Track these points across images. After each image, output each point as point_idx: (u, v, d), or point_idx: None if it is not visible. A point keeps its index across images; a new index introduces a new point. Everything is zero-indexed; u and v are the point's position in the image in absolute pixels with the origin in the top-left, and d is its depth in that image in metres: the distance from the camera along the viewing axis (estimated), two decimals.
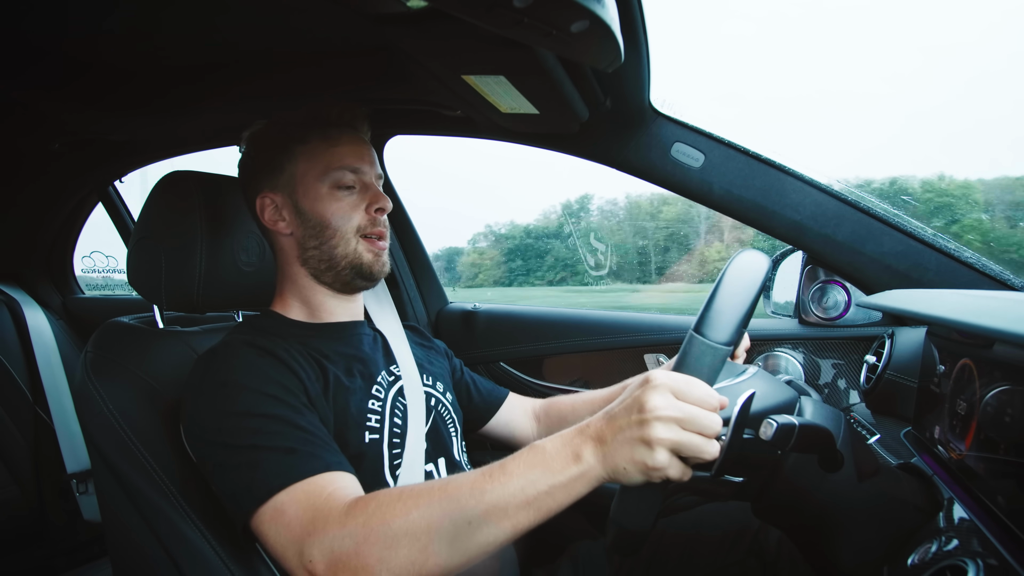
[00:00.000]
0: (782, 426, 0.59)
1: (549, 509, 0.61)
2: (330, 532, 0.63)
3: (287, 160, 0.90)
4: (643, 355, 1.48)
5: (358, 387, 0.87)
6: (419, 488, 0.65)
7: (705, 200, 1.26)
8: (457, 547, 0.61)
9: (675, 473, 0.58)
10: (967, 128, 3.46)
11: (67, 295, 2.22)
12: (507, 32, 0.61)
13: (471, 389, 1.12)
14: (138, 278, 0.94)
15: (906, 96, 4.02)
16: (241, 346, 0.81)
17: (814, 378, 1.35)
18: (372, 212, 0.91)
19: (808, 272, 1.33)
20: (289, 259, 0.93)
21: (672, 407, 0.58)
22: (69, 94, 1.18)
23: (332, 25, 0.99)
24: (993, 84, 3.18)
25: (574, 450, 0.61)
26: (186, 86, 1.18)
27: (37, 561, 1.86)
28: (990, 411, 0.66)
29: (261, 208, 0.91)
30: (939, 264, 1.14)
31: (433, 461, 0.91)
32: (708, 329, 0.62)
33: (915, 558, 0.61)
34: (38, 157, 1.68)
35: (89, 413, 0.82)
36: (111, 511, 0.83)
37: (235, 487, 0.71)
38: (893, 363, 1.04)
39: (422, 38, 0.80)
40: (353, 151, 0.91)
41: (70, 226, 2.13)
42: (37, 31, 0.98)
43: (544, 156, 1.35)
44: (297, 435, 0.73)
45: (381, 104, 1.33)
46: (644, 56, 0.97)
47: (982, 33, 3.28)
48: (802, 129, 4.03)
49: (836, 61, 5.26)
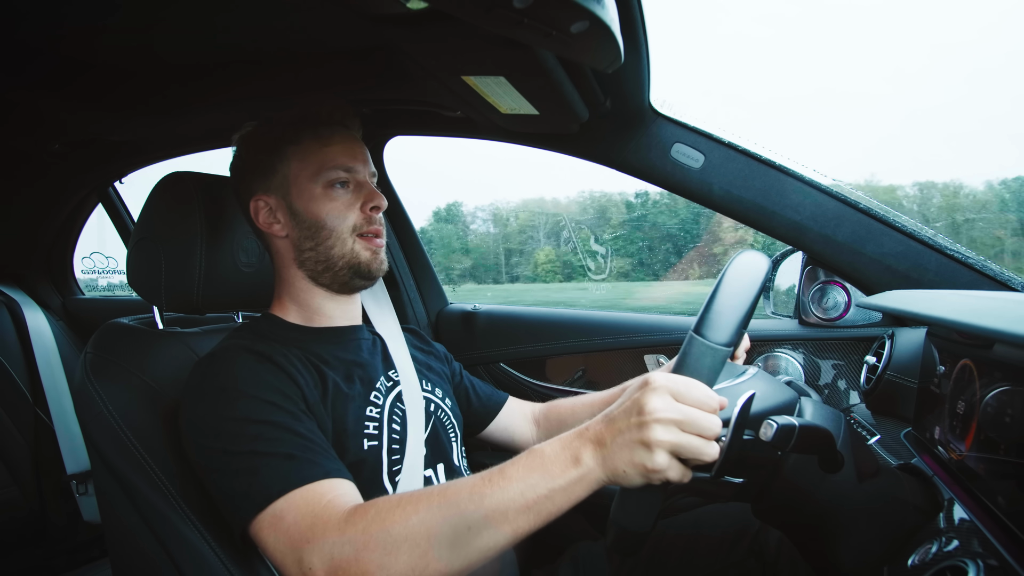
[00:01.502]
0: (782, 427, 0.59)
1: (549, 513, 0.61)
2: (329, 539, 0.63)
3: (279, 161, 0.89)
4: (643, 356, 1.48)
5: (357, 393, 0.86)
6: (418, 494, 0.65)
7: (705, 201, 1.26)
8: (457, 552, 0.61)
9: (675, 475, 0.58)
10: (960, 129, 3.47)
11: (67, 296, 2.22)
12: (507, 33, 0.61)
13: (470, 393, 1.12)
14: (138, 279, 0.94)
15: (904, 96, 4.04)
16: (240, 351, 0.81)
17: (814, 379, 1.35)
18: (367, 210, 0.90)
19: (808, 272, 1.33)
20: (285, 262, 0.92)
21: (671, 409, 0.58)
22: (69, 94, 1.18)
23: (332, 25, 0.99)
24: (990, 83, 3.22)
25: (573, 453, 0.61)
26: (186, 86, 1.18)
27: (37, 561, 1.86)
28: (990, 411, 0.66)
29: (255, 211, 0.91)
30: (939, 265, 1.14)
31: (432, 467, 0.91)
32: (708, 330, 0.62)
33: (915, 559, 0.61)
34: (38, 158, 1.68)
35: (89, 414, 0.82)
36: (111, 512, 0.82)
37: (233, 493, 0.71)
38: (893, 364, 1.04)
39: (422, 39, 0.80)
40: (346, 150, 0.90)
41: (70, 227, 2.13)
42: (37, 31, 0.98)
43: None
44: (296, 442, 0.73)
45: (381, 105, 1.33)
46: (644, 56, 0.97)
47: (981, 32, 3.29)
48: (798, 128, 4.04)
49: (835, 61, 5.27)
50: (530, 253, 3.26)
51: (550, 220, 3.27)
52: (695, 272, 2.72)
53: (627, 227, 2.95)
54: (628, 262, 2.90)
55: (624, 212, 3.01)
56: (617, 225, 2.97)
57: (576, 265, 3.01)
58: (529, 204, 3.34)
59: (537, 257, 3.20)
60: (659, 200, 2.90)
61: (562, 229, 3.21)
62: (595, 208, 3.09)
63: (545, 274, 3.15)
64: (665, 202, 2.88)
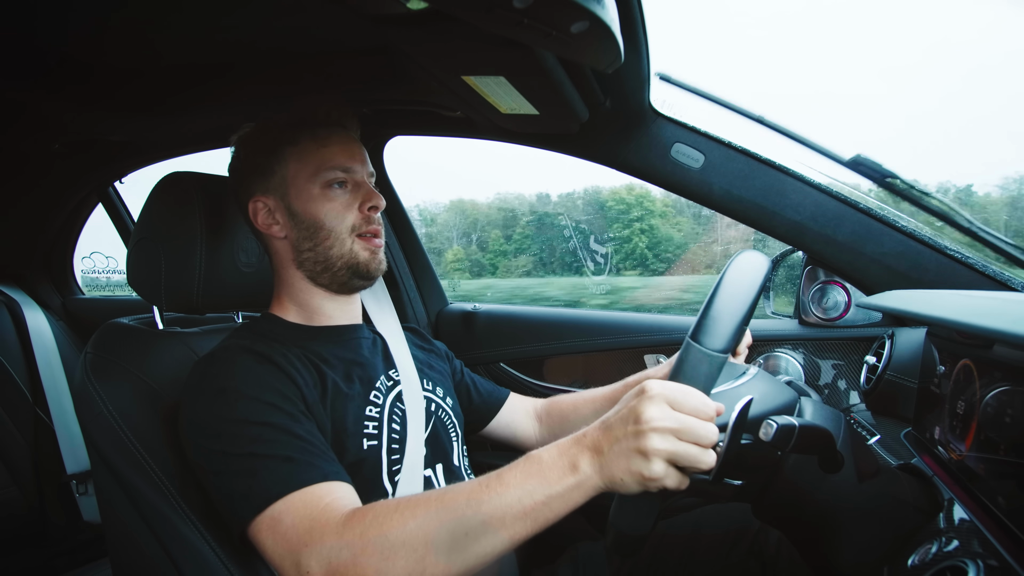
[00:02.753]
0: (782, 427, 0.59)
1: (546, 519, 0.61)
2: (327, 543, 0.63)
3: (277, 162, 0.89)
4: (643, 355, 1.48)
5: (356, 393, 0.86)
6: (416, 499, 0.65)
7: (705, 201, 1.26)
8: (455, 558, 0.61)
9: (672, 483, 0.58)
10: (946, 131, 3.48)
11: (67, 296, 2.22)
12: (507, 33, 0.61)
13: (471, 391, 1.12)
14: (138, 279, 0.94)
15: (902, 96, 4.04)
16: (239, 352, 0.81)
17: (814, 379, 1.35)
18: (365, 210, 0.90)
19: (808, 272, 1.33)
20: (284, 262, 0.92)
21: (668, 418, 0.58)
22: (70, 95, 1.18)
23: (332, 26, 0.99)
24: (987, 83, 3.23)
25: (571, 460, 0.61)
26: (187, 87, 1.18)
27: (37, 561, 1.86)
28: (990, 411, 0.66)
29: (254, 212, 0.91)
30: (939, 264, 1.14)
31: (432, 467, 0.91)
32: (705, 337, 0.62)
33: (915, 559, 0.61)
34: (39, 158, 1.68)
35: (89, 414, 0.82)
36: (111, 512, 0.83)
37: (232, 494, 0.71)
38: (893, 364, 1.04)
39: (422, 39, 0.80)
40: (343, 150, 0.90)
41: (70, 227, 2.13)
42: (38, 32, 0.98)
43: None
44: (295, 444, 0.73)
45: (381, 105, 1.33)
46: (644, 56, 0.97)
47: (980, 31, 3.30)
48: (797, 128, 4.06)
49: (835, 60, 5.27)
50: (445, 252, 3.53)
51: (467, 221, 3.52)
52: (587, 271, 2.99)
53: (531, 227, 3.35)
54: (530, 260, 3.28)
55: (527, 214, 3.41)
56: (524, 225, 3.38)
57: (486, 264, 3.36)
58: (455, 205, 3.57)
59: (446, 256, 3.41)
60: (557, 202, 3.30)
61: (475, 231, 3.46)
62: (505, 210, 3.41)
63: (452, 272, 3.37)
64: (563, 203, 3.29)
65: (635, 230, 3.01)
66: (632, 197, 3.01)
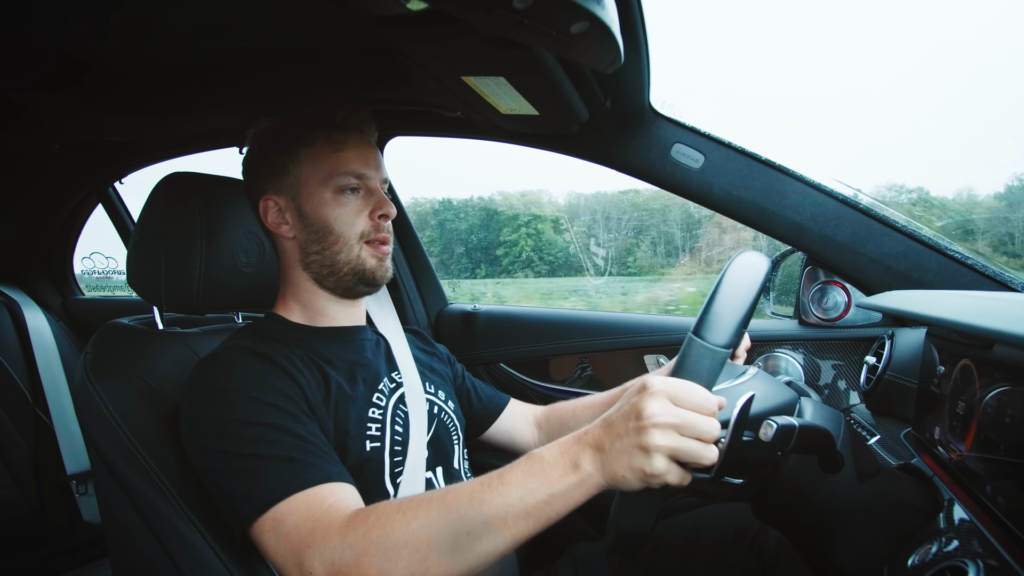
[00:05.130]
0: (782, 427, 0.59)
1: (548, 518, 0.61)
2: (330, 543, 0.64)
3: (291, 163, 0.89)
4: (643, 356, 1.48)
5: (360, 395, 0.86)
6: (419, 499, 0.65)
7: (705, 201, 1.26)
8: (457, 557, 0.61)
9: (674, 479, 0.58)
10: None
11: (67, 296, 2.22)
12: (507, 33, 0.61)
13: (472, 395, 1.12)
14: (138, 279, 0.94)
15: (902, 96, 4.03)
16: (241, 352, 0.80)
17: (814, 379, 1.35)
18: (376, 218, 0.90)
19: (808, 273, 1.33)
20: (291, 262, 0.92)
21: (669, 413, 0.58)
22: (70, 95, 1.18)
23: (332, 26, 0.99)
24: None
25: (572, 458, 0.61)
26: (186, 87, 1.18)
27: (37, 561, 1.86)
28: (990, 412, 0.66)
29: (264, 210, 0.91)
30: (939, 265, 1.14)
31: (433, 469, 0.91)
32: (707, 332, 0.62)
33: (915, 559, 0.61)
34: (38, 158, 1.68)
35: (89, 414, 0.82)
36: (111, 512, 0.82)
37: (234, 495, 0.71)
38: (893, 364, 1.04)
39: (422, 39, 0.80)
40: (359, 156, 0.89)
41: (70, 227, 2.13)
42: (38, 32, 0.98)
43: None
44: (297, 444, 0.73)
45: (381, 105, 1.33)
46: (644, 57, 0.97)
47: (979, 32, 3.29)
48: (797, 129, 4.08)
49: (835, 61, 5.27)
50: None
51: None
52: (481, 271, 3.55)
53: (436, 230, 3.68)
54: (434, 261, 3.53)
55: (432, 217, 3.72)
56: (433, 227, 3.69)
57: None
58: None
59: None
60: (456, 206, 3.69)
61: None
62: (417, 213, 3.61)
63: None
64: (461, 208, 3.67)
65: (521, 233, 3.48)
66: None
